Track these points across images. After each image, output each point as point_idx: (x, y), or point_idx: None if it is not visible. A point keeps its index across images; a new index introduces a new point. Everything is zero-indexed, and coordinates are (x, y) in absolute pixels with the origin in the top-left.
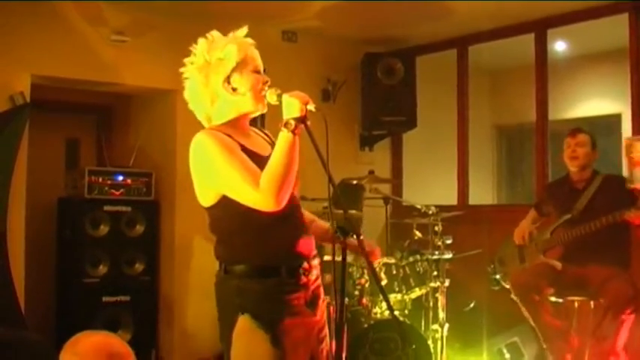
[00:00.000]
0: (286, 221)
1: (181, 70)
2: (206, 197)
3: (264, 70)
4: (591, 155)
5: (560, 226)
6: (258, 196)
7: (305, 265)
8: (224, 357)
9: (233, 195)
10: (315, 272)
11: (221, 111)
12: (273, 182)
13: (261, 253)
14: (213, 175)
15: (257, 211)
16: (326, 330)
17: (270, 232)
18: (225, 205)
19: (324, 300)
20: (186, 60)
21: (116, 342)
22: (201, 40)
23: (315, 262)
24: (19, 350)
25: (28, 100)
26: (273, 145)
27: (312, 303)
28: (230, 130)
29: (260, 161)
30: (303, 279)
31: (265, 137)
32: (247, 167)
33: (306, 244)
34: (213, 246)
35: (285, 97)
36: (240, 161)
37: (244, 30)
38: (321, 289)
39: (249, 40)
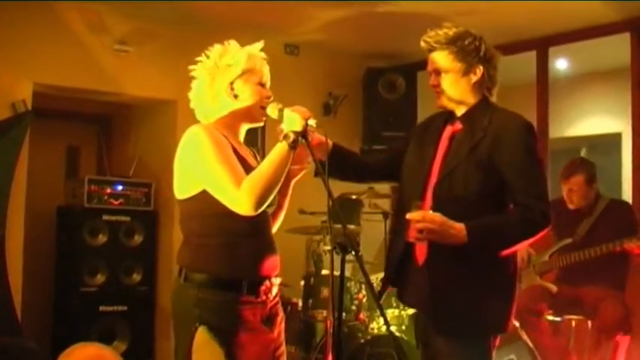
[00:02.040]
0: (257, 236)
1: (190, 67)
2: (184, 188)
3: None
4: (588, 192)
5: (559, 249)
6: (237, 195)
7: (266, 283)
8: None
9: (213, 190)
10: (275, 290)
11: (219, 113)
12: (256, 186)
13: (225, 264)
14: (199, 166)
15: (232, 218)
16: (283, 348)
17: (239, 243)
18: (201, 200)
19: (282, 318)
20: (198, 59)
21: (109, 354)
22: (217, 46)
23: (277, 280)
24: (15, 358)
25: (30, 108)
26: (258, 163)
27: (269, 320)
28: (225, 131)
29: (247, 169)
30: (262, 297)
31: (253, 155)
32: (234, 166)
33: (272, 264)
34: (178, 248)
35: (287, 111)
36: (229, 159)
37: (260, 44)
38: (280, 307)
39: (262, 55)
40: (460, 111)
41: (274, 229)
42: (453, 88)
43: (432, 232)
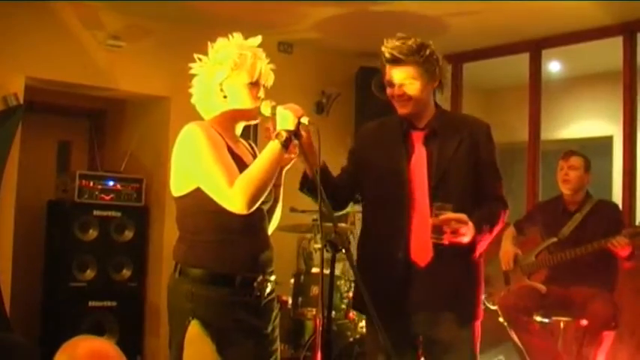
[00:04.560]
0: (251, 232)
1: (190, 64)
2: (179, 186)
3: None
4: (584, 178)
5: (546, 249)
6: (230, 193)
7: (260, 279)
8: None
9: (207, 188)
10: (270, 286)
11: (216, 111)
12: (248, 185)
13: (219, 260)
14: (193, 163)
15: (226, 215)
16: (277, 344)
17: (233, 239)
18: (197, 197)
19: (277, 315)
20: (197, 55)
21: (112, 350)
22: (219, 39)
23: (272, 277)
24: (4, 352)
25: (22, 102)
26: (255, 156)
27: (264, 316)
28: (221, 129)
29: (241, 167)
30: (256, 293)
31: (250, 149)
32: (228, 165)
33: (266, 260)
34: (170, 244)
35: (280, 109)
36: (223, 158)
37: (256, 40)
38: (275, 304)
39: (257, 51)
40: (424, 117)
41: (274, 224)
42: (421, 95)
43: (467, 231)
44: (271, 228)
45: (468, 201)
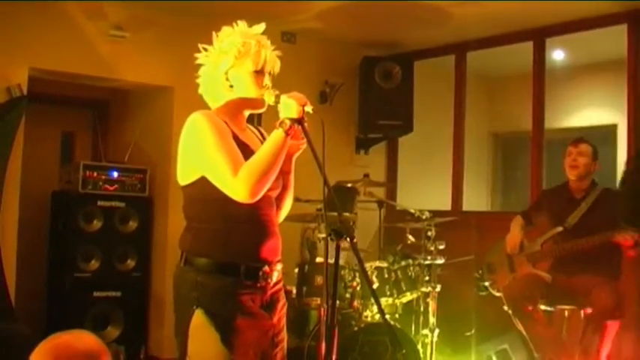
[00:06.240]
0: (257, 221)
1: (196, 55)
2: (185, 174)
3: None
4: (591, 166)
5: (552, 238)
6: (234, 183)
7: (265, 268)
8: (178, 352)
9: (211, 177)
10: (276, 276)
11: (222, 100)
12: (252, 174)
13: (224, 249)
14: (198, 152)
15: (232, 203)
16: (283, 334)
17: (239, 228)
18: (202, 185)
19: (284, 304)
20: (202, 45)
21: (78, 342)
22: (224, 28)
23: (279, 266)
24: (9, 343)
25: (25, 93)
26: (262, 142)
27: (270, 306)
28: (227, 118)
29: (248, 154)
30: (262, 282)
31: (258, 135)
32: (233, 153)
33: (272, 248)
34: (173, 234)
35: (284, 97)
36: (228, 146)
37: (260, 27)
38: (282, 294)
39: (261, 38)
40: None
41: (285, 212)
42: None
43: None
44: (282, 216)
45: None
